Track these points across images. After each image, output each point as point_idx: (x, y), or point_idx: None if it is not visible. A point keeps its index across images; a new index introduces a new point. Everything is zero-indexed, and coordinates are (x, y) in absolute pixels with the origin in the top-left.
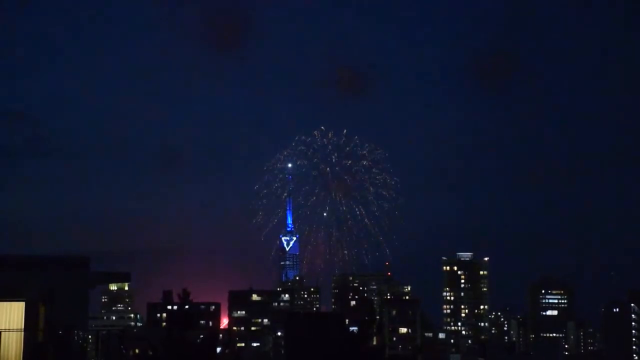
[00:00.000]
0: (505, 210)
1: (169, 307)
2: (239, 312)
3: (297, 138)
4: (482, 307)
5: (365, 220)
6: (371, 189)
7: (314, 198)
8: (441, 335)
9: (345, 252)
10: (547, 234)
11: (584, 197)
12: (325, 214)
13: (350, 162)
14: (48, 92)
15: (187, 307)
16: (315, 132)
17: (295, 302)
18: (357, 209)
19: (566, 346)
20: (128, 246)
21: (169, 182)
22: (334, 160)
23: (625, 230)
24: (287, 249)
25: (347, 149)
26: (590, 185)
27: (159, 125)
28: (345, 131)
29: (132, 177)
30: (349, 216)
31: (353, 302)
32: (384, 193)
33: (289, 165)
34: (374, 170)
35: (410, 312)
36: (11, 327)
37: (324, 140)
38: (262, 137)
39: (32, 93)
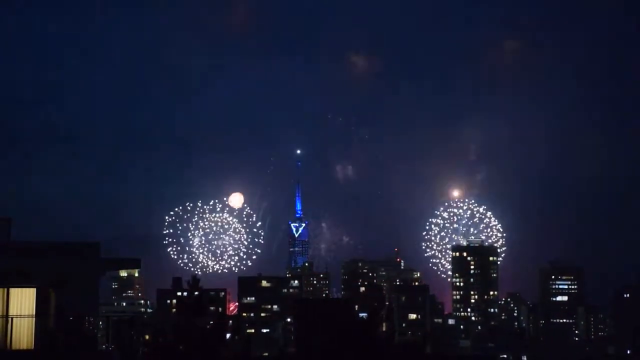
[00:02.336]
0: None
1: (179, 293)
2: (248, 298)
3: (306, 123)
4: (491, 293)
5: (374, 206)
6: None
7: (323, 184)
8: (451, 322)
9: (350, 240)
10: (558, 219)
11: (594, 180)
12: (334, 200)
13: (357, 149)
14: (62, 78)
15: (196, 293)
16: (329, 116)
17: (305, 289)
18: (366, 195)
19: (576, 332)
20: (139, 232)
21: (180, 168)
22: (342, 146)
23: (636, 215)
24: (297, 236)
25: (356, 135)
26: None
27: (171, 113)
28: (354, 118)
29: (140, 163)
30: (358, 202)
31: (362, 289)
32: (391, 179)
33: (298, 151)
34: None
35: (419, 298)
36: (22, 314)
37: (334, 126)
38: (270, 123)
39: (46, 79)
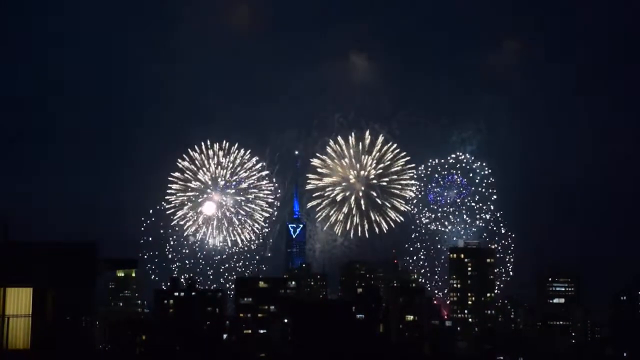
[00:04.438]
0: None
1: (176, 293)
2: (245, 299)
3: (304, 122)
4: (488, 294)
5: (371, 209)
6: (377, 178)
7: (320, 185)
8: (447, 323)
9: (345, 240)
10: (555, 221)
11: (592, 183)
12: (331, 201)
13: (356, 148)
14: (51, 76)
15: (193, 293)
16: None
17: (302, 290)
18: (362, 196)
19: (573, 334)
20: (136, 232)
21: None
22: (340, 145)
23: (634, 217)
24: (294, 237)
25: (353, 132)
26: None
27: (168, 113)
28: (352, 113)
29: (140, 163)
30: (355, 203)
31: (360, 290)
32: (393, 179)
33: (296, 152)
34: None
35: (416, 300)
36: (19, 313)
37: (329, 124)
38: (267, 120)
39: (35, 78)
